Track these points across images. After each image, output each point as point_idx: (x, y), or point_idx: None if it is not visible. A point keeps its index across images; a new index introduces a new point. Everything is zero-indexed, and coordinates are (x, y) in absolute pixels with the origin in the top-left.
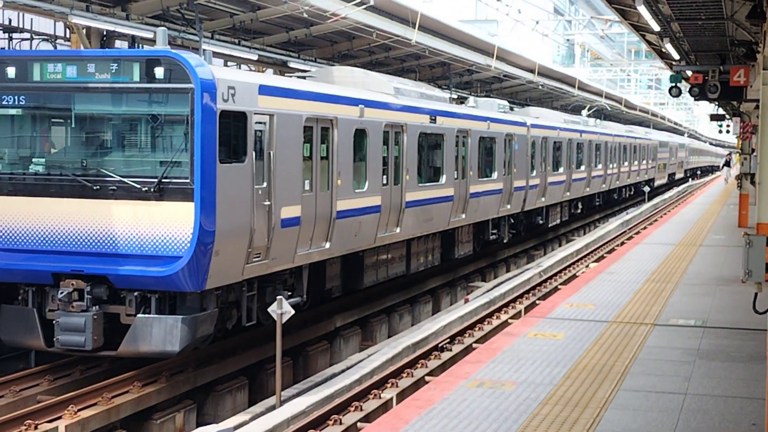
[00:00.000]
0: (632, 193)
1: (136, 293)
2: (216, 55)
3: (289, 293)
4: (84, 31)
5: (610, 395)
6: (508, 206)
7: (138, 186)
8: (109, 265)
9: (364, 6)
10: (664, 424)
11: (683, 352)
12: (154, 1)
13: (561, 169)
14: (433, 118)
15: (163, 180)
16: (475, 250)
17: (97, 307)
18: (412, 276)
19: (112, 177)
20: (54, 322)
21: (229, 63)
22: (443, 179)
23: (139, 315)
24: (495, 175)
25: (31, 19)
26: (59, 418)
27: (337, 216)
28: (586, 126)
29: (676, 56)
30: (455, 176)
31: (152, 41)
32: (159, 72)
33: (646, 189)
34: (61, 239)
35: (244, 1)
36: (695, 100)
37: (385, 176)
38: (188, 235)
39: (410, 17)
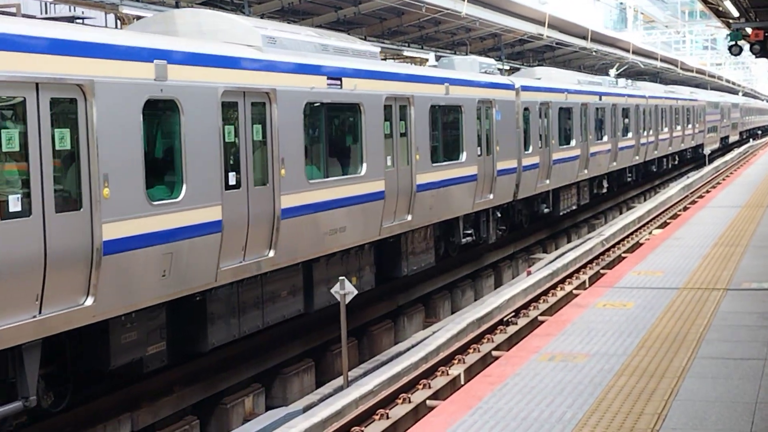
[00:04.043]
0: (676, 162)
1: None
2: None
3: None
4: (135, 21)
5: (687, 364)
6: (490, 196)
7: None
8: None
9: None
10: (745, 391)
11: (759, 316)
12: None
13: (573, 142)
14: (338, 80)
15: None
16: (447, 255)
17: None
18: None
19: None
20: None
21: None
22: (363, 169)
23: None
24: (463, 157)
25: (82, 11)
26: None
27: (106, 250)
28: (612, 87)
29: (735, 13)
30: (387, 164)
31: None
32: None
33: (707, 151)
34: None
35: None
36: (756, 57)
37: (234, 174)
38: None
39: None
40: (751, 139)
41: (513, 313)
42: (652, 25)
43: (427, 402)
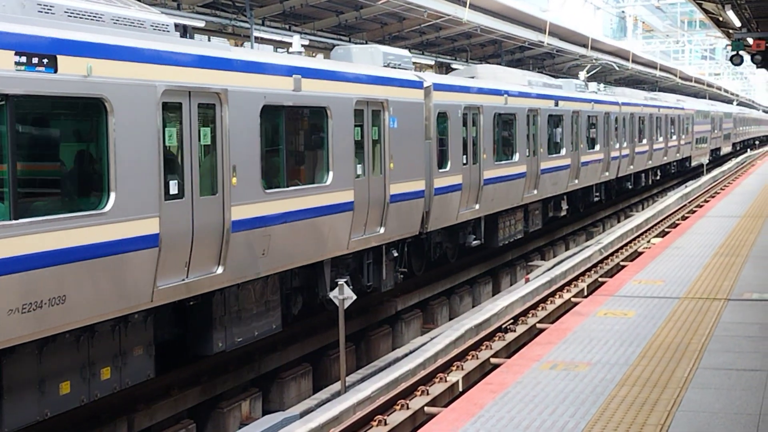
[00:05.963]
0: (657, 178)
1: None
2: (266, 41)
3: None
4: None
5: (689, 374)
6: (380, 230)
7: None
8: None
9: None
10: (748, 403)
11: (761, 327)
12: None
13: (517, 157)
14: (47, 58)
15: None
16: (323, 309)
17: None
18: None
19: None
20: None
21: (279, 49)
22: (109, 202)
23: None
24: (329, 179)
25: None
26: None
27: None
28: (575, 92)
29: (737, 23)
30: (171, 191)
31: (204, 30)
32: None
33: (704, 161)
34: None
35: None
36: (757, 67)
37: None
38: None
39: None
40: (748, 149)
41: (511, 321)
42: (652, 35)
43: (426, 409)
